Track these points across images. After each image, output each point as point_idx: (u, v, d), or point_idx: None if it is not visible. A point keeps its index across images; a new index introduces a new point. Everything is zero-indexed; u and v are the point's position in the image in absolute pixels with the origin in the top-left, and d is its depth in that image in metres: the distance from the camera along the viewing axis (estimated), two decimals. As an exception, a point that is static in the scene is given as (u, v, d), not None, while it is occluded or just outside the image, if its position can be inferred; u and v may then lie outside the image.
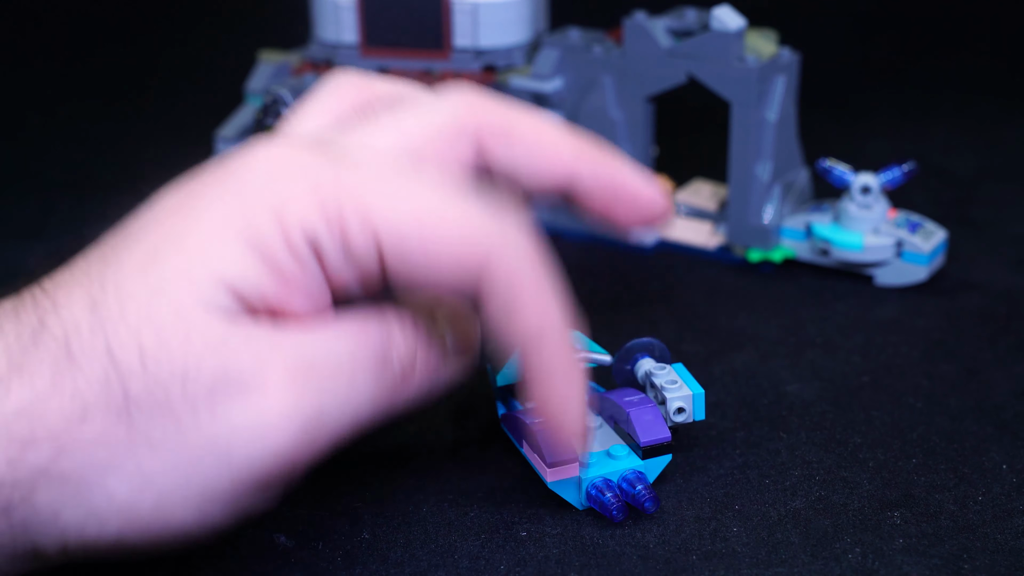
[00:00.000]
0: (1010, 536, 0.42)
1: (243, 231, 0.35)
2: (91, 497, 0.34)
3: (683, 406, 0.45)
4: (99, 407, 0.33)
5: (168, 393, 0.34)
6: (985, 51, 1.01)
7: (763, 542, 0.41)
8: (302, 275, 0.36)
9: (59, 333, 0.34)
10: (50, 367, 0.34)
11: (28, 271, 0.38)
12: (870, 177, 0.60)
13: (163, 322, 0.34)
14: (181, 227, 0.36)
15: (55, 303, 0.35)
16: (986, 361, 0.54)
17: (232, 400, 0.34)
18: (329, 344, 0.36)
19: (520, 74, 0.66)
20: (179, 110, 0.91)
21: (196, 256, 0.35)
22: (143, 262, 0.35)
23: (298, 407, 0.35)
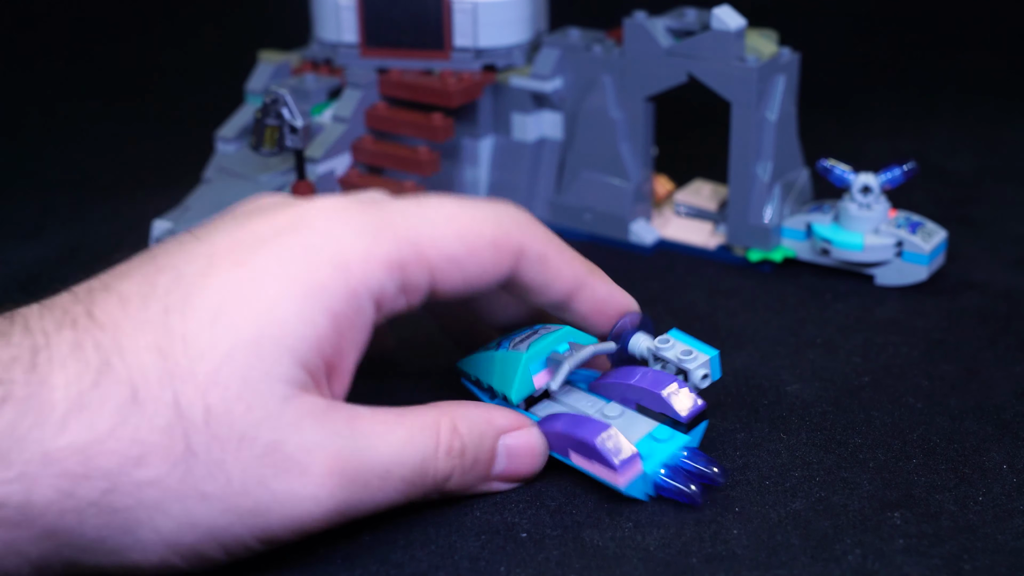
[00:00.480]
0: (1010, 536, 0.42)
1: (310, 293, 0.37)
2: (138, 530, 0.35)
3: (707, 372, 0.46)
4: (158, 454, 0.35)
5: (224, 452, 0.36)
6: (985, 51, 1.01)
7: (763, 544, 0.41)
8: (359, 326, 0.39)
9: (125, 377, 0.35)
10: (113, 410, 0.35)
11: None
12: (870, 177, 0.60)
13: (231, 388, 0.36)
14: (247, 283, 0.37)
15: (119, 345, 0.36)
16: (986, 361, 0.54)
17: (277, 474, 0.37)
18: (375, 447, 0.39)
19: (520, 74, 0.66)
20: (179, 110, 0.91)
21: (265, 322, 0.37)
22: (211, 319, 0.36)
23: (333, 497, 0.38)
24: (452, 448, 0.41)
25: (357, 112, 0.65)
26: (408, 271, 0.39)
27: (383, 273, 0.39)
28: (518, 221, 0.43)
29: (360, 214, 0.39)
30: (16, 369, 0.35)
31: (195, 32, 1.10)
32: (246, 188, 0.63)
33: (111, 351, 0.35)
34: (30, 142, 0.85)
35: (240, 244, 0.38)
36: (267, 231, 0.39)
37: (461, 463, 0.42)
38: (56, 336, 0.36)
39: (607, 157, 0.65)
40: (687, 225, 0.66)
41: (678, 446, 0.44)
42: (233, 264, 0.37)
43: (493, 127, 0.68)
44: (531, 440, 0.44)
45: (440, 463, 0.41)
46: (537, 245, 0.43)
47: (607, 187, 0.66)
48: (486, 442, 0.43)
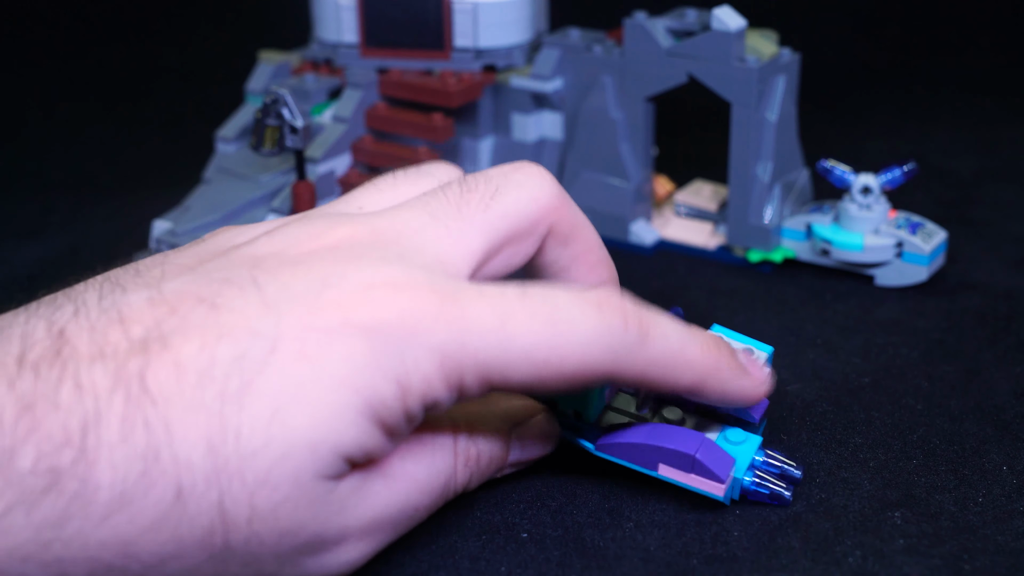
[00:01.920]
0: (1010, 537, 0.42)
1: (370, 406, 0.36)
2: None
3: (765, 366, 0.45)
4: (194, 550, 0.34)
5: (263, 546, 0.35)
6: (985, 51, 1.01)
7: (764, 546, 0.41)
8: (410, 430, 0.38)
9: (171, 472, 0.33)
10: (155, 506, 0.33)
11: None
12: (870, 177, 0.60)
13: (279, 489, 0.35)
14: (310, 384, 0.35)
15: (170, 431, 0.34)
16: (986, 362, 0.54)
17: (313, 555, 0.37)
18: (403, 496, 0.39)
19: (520, 74, 0.66)
20: (179, 110, 0.91)
21: (323, 427, 0.35)
22: (268, 416, 0.34)
23: (363, 554, 0.38)
24: (469, 459, 0.42)
25: (357, 112, 0.65)
26: (467, 391, 0.38)
27: (443, 393, 0.37)
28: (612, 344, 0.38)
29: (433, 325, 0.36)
30: (65, 453, 0.33)
31: (195, 32, 1.10)
32: (246, 188, 0.63)
33: (161, 437, 0.33)
34: (30, 142, 0.85)
35: (308, 330, 0.35)
36: (336, 321, 0.36)
37: (478, 470, 0.42)
38: (107, 404, 0.33)
39: (607, 157, 0.65)
40: (687, 225, 0.66)
41: (755, 447, 0.44)
42: (298, 355, 0.35)
43: (493, 127, 0.68)
44: (542, 427, 0.45)
45: (459, 477, 0.42)
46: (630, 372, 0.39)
47: (607, 187, 0.66)
48: (500, 440, 0.43)
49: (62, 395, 0.33)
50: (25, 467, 0.32)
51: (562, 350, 0.37)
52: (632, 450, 0.43)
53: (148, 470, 0.33)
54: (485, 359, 0.37)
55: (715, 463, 0.42)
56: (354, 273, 0.37)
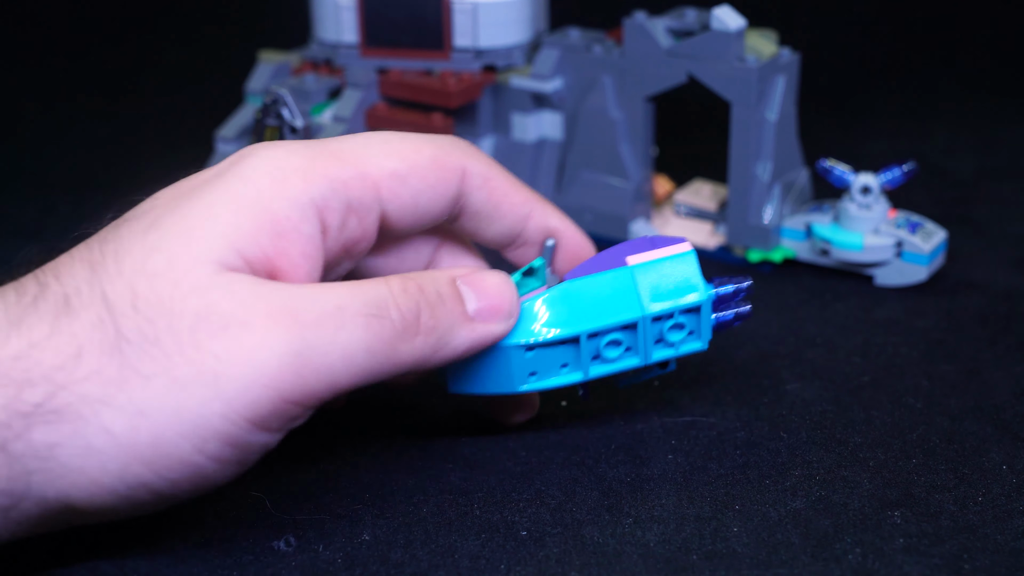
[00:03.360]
0: (1010, 536, 0.42)
1: (246, 199, 0.38)
2: (87, 431, 0.35)
3: None
4: (92, 346, 0.35)
5: (156, 329, 0.36)
6: (985, 51, 1.01)
7: (763, 542, 0.41)
8: (307, 233, 0.39)
9: (59, 292, 0.36)
10: (49, 320, 0.36)
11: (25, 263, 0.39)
12: (870, 177, 0.60)
13: (156, 271, 0.36)
14: (183, 201, 0.38)
15: (56, 271, 0.37)
16: (986, 361, 0.54)
17: (215, 335, 0.36)
18: (316, 295, 0.38)
19: (520, 74, 0.67)
20: (179, 110, 0.91)
21: (196, 219, 0.37)
22: (143, 230, 0.37)
23: (280, 342, 0.36)
24: (407, 287, 0.39)
25: (357, 112, 0.65)
26: (351, 188, 0.40)
27: (324, 185, 0.39)
28: (459, 145, 0.44)
29: (298, 145, 0.40)
30: None
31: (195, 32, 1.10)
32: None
33: (48, 280, 0.37)
34: (30, 142, 0.85)
35: (183, 185, 0.39)
36: (208, 174, 0.40)
37: (425, 298, 0.40)
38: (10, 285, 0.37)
39: (607, 157, 0.65)
40: (687, 225, 0.66)
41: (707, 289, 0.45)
42: (172, 198, 0.39)
43: (493, 127, 0.68)
44: (489, 275, 0.42)
45: (399, 300, 0.39)
46: (480, 167, 0.44)
47: (607, 187, 0.66)
48: (441, 283, 0.41)
49: None
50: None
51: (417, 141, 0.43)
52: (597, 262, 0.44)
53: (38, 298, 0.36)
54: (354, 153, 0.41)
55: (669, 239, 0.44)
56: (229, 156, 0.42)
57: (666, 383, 0.52)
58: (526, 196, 0.46)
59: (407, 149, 0.42)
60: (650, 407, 0.50)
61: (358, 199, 0.40)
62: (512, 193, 0.45)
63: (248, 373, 0.35)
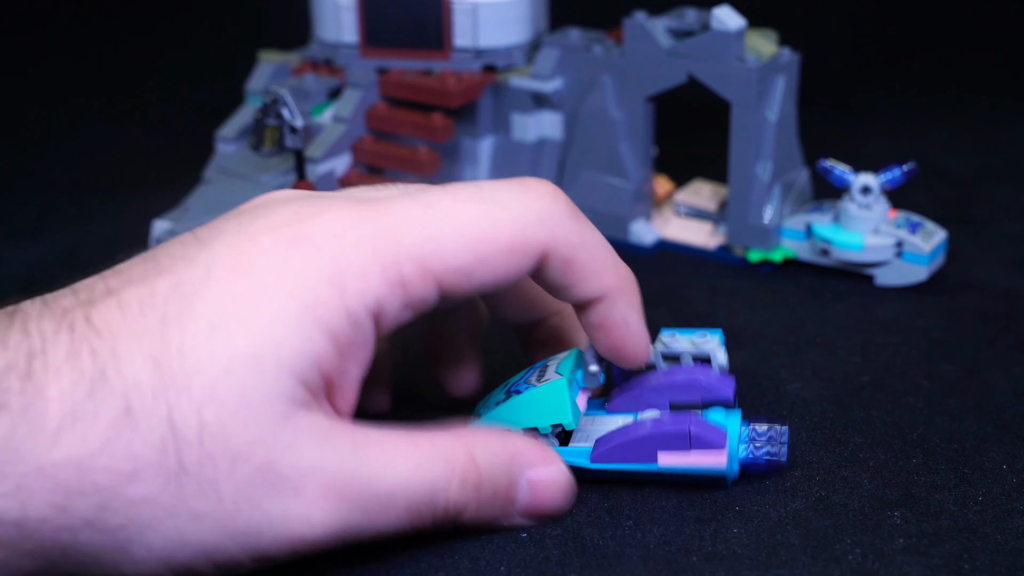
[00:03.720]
0: (1010, 536, 0.42)
1: (308, 308, 0.36)
2: (130, 547, 0.35)
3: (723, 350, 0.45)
4: (150, 470, 0.35)
5: (217, 470, 0.35)
6: (985, 51, 1.01)
7: (763, 543, 0.41)
8: (359, 343, 0.38)
9: (119, 389, 0.35)
10: (106, 424, 0.34)
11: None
12: (870, 177, 0.60)
13: (227, 404, 0.35)
14: (245, 298, 0.36)
15: (115, 354, 0.35)
16: (986, 361, 0.54)
17: (270, 494, 0.36)
18: (378, 471, 0.38)
19: (520, 74, 0.66)
20: (179, 110, 0.91)
21: (263, 337, 0.36)
22: (208, 332, 0.36)
23: (328, 519, 0.37)
24: (467, 479, 0.39)
25: (357, 112, 0.65)
26: (411, 287, 0.38)
27: (383, 290, 0.37)
28: (544, 217, 0.39)
29: (361, 224, 0.38)
30: (12, 377, 0.34)
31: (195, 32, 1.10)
32: (246, 188, 0.63)
33: (107, 360, 0.35)
34: (30, 142, 0.85)
35: (240, 252, 0.37)
36: (267, 240, 0.37)
37: (477, 496, 0.40)
38: (53, 341, 0.35)
39: (607, 157, 0.65)
40: (687, 225, 0.66)
41: (738, 421, 0.44)
42: (232, 274, 0.37)
43: (493, 127, 0.68)
44: (557, 474, 0.42)
45: (452, 494, 0.39)
46: (564, 248, 0.40)
47: (607, 187, 0.66)
48: (507, 475, 0.40)
49: (9, 340, 0.35)
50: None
51: (494, 220, 0.38)
52: (627, 449, 0.43)
53: (95, 389, 0.34)
54: (418, 245, 0.38)
55: (710, 433, 0.42)
56: (284, 208, 0.39)
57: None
58: (604, 283, 0.41)
59: (480, 236, 0.38)
60: (650, 407, 0.50)
61: (416, 295, 0.38)
62: (591, 278, 0.41)
63: (288, 539, 0.37)
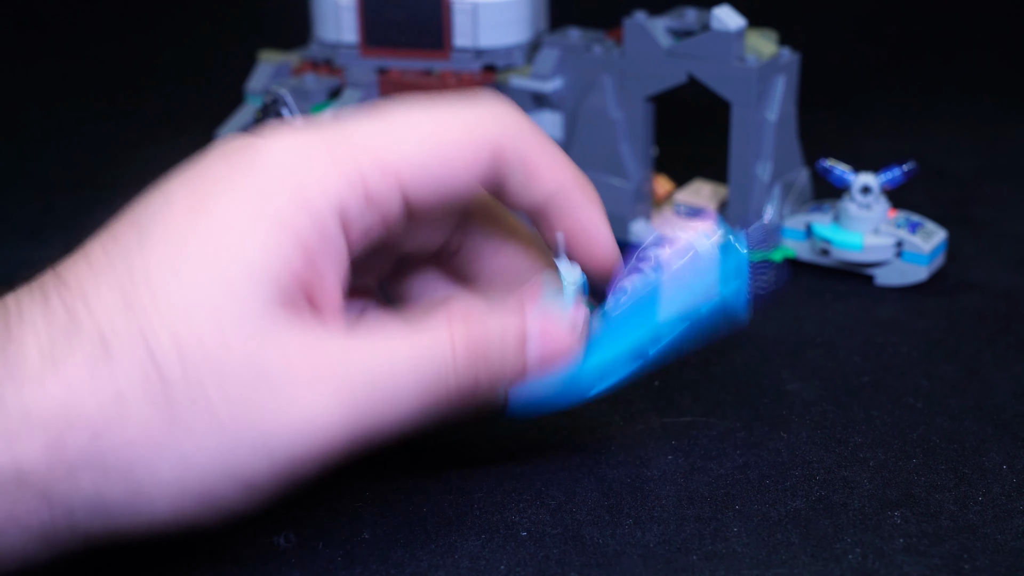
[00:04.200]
0: (1010, 536, 0.42)
1: (268, 215, 0.36)
2: (137, 478, 0.35)
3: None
4: (136, 397, 0.34)
5: (203, 385, 0.35)
6: (985, 51, 1.01)
7: (763, 542, 0.41)
8: (330, 246, 0.37)
9: (92, 327, 0.35)
10: (86, 361, 0.34)
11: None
12: (870, 177, 0.60)
13: (201, 319, 0.35)
14: (204, 216, 0.36)
15: (84, 296, 0.35)
16: (986, 361, 0.54)
17: (265, 397, 0.35)
18: (366, 352, 0.37)
19: (520, 74, 0.66)
20: (179, 110, 0.91)
21: (225, 248, 0.36)
22: (171, 255, 0.36)
23: (331, 405, 0.36)
24: (471, 346, 0.38)
25: (357, 112, 0.65)
26: (371, 183, 0.37)
27: (344, 189, 0.37)
28: (497, 116, 0.40)
29: (315, 137, 0.38)
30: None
31: (195, 32, 1.10)
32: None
33: (78, 307, 0.35)
34: (30, 142, 0.85)
35: (196, 188, 0.37)
36: (222, 170, 0.37)
37: (487, 364, 0.38)
38: (28, 301, 0.35)
39: (607, 157, 0.65)
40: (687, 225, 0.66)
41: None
42: (190, 209, 0.36)
43: (493, 127, 0.68)
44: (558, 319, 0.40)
45: (460, 366, 0.38)
46: (518, 142, 0.40)
47: (607, 187, 0.66)
48: (509, 337, 0.39)
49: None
50: None
51: (449, 119, 0.39)
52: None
53: (70, 333, 0.34)
54: (374, 142, 0.38)
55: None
56: (236, 141, 0.39)
57: (666, 384, 0.52)
58: (560, 178, 0.41)
59: (434, 131, 0.39)
60: (650, 407, 0.50)
61: (378, 193, 0.38)
62: (547, 172, 0.41)
63: (298, 434, 0.35)
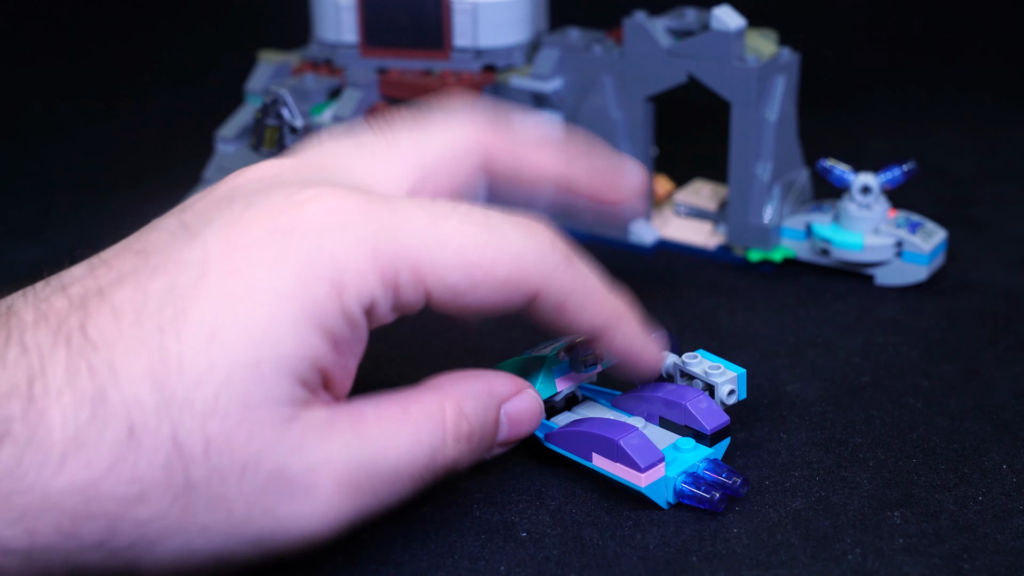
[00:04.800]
0: (1010, 536, 0.42)
1: (305, 309, 0.36)
2: (140, 563, 0.35)
3: (733, 388, 0.46)
4: (157, 490, 0.34)
5: (226, 484, 0.35)
6: (985, 51, 1.01)
7: (763, 543, 0.41)
8: (357, 342, 0.37)
9: (121, 409, 0.34)
10: (110, 447, 0.33)
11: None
12: (870, 177, 0.60)
13: (230, 416, 0.34)
14: (242, 298, 0.35)
15: (114, 371, 0.34)
16: (986, 361, 0.54)
17: (282, 499, 0.36)
18: (382, 451, 0.38)
19: (520, 74, 0.66)
20: (179, 110, 0.91)
21: (262, 342, 0.35)
22: (206, 339, 0.35)
23: (340, 511, 0.37)
24: (460, 434, 0.40)
25: (357, 112, 0.65)
26: (402, 293, 0.38)
27: (379, 291, 0.37)
28: (541, 260, 0.40)
29: (362, 221, 0.37)
30: (14, 403, 0.33)
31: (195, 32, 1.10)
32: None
33: (106, 378, 0.34)
34: (30, 142, 0.85)
35: (233, 246, 0.36)
36: (261, 232, 0.36)
37: (469, 446, 0.41)
38: (51, 357, 0.34)
39: (607, 157, 0.65)
40: (687, 225, 0.66)
41: (700, 456, 0.44)
42: (227, 273, 0.35)
43: (493, 127, 0.68)
44: (530, 403, 0.43)
45: (448, 451, 0.40)
46: (557, 292, 0.40)
47: (607, 187, 0.65)
48: (490, 416, 0.41)
49: (8, 357, 0.34)
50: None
51: (495, 251, 0.38)
52: (572, 439, 0.45)
53: (97, 411, 0.33)
54: (418, 254, 0.37)
55: (638, 453, 0.43)
56: (276, 193, 0.38)
57: (666, 383, 0.52)
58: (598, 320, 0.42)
59: (478, 262, 0.38)
60: (650, 407, 0.50)
61: (406, 302, 0.38)
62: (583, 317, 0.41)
63: (301, 538, 0.37)
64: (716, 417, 0.45)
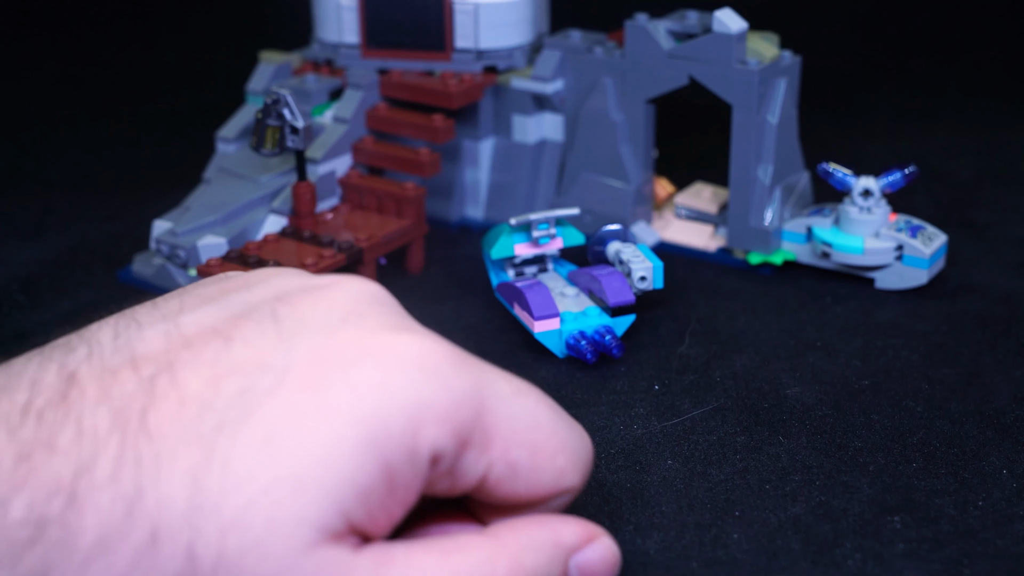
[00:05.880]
0: (1010, 541, 0.42)
1: (373, 436, 0.33)
2: None
3: (645, 275, 0.55)
4: None
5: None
6: (986, 53, 1.01)
7: (763, 549, 0.41)
8: (415, 486, 0.34)
9: (153, 511, 0.32)
10: (131, 552, 0.32)
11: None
12: (871, 180, 0.60)
13: (252, 530, 0.32)
14: (311, 412, 0.33)
15: (159, 464, 0.32)
16: (986, 365, 0.54)
17: None
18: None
19: (521, 75, 0.66)
20: (179, 110, 0.91)
21: (314, 458, 0.32)
22: (259, 446, 0.32)
23: None
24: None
25: (358, 113, 0.65)
26: (467, 454, 0.35)
27: (450, 444, 0.34)
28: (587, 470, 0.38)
29: (454, 370, 0.35)
30: (55, 502, 0.31)
31: (195, 32, 1.10)
32: (246, 188, 0.63)
33: (149, 474, 0.32)
34: (30, 142, 0.85)
35: (320, 361, 0.34)
36: (355, 352, 0.34)
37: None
38: (104, 445, 0.32)
39: (608, 159, 0.65)
40: (687, 228, 0.66)
41: (598, 323, 0.53)
42: (305, 387, 0.33)
43: (494, 129, 0.68)
44: (604, 554, 0.37)
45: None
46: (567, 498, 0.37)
47: (607, 189, 0.66)
48: (555, 572, 0.36)
49: (61, 440, 0.32)
50: (15, 518, 0.31)
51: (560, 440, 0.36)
52: (507, 291, 0.55)
53: (132, 510, 0.32)
54: (493, 420, 0.35)
55: (536, 305, 0.53)
56: (376, 313, 0.36)
57: (666, 388, 0.52)
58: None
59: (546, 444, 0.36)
60: (650, 412, 0.50)
61: (461, 465, 0.35)
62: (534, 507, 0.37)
63: None
64: (622, 295, 0.54)
